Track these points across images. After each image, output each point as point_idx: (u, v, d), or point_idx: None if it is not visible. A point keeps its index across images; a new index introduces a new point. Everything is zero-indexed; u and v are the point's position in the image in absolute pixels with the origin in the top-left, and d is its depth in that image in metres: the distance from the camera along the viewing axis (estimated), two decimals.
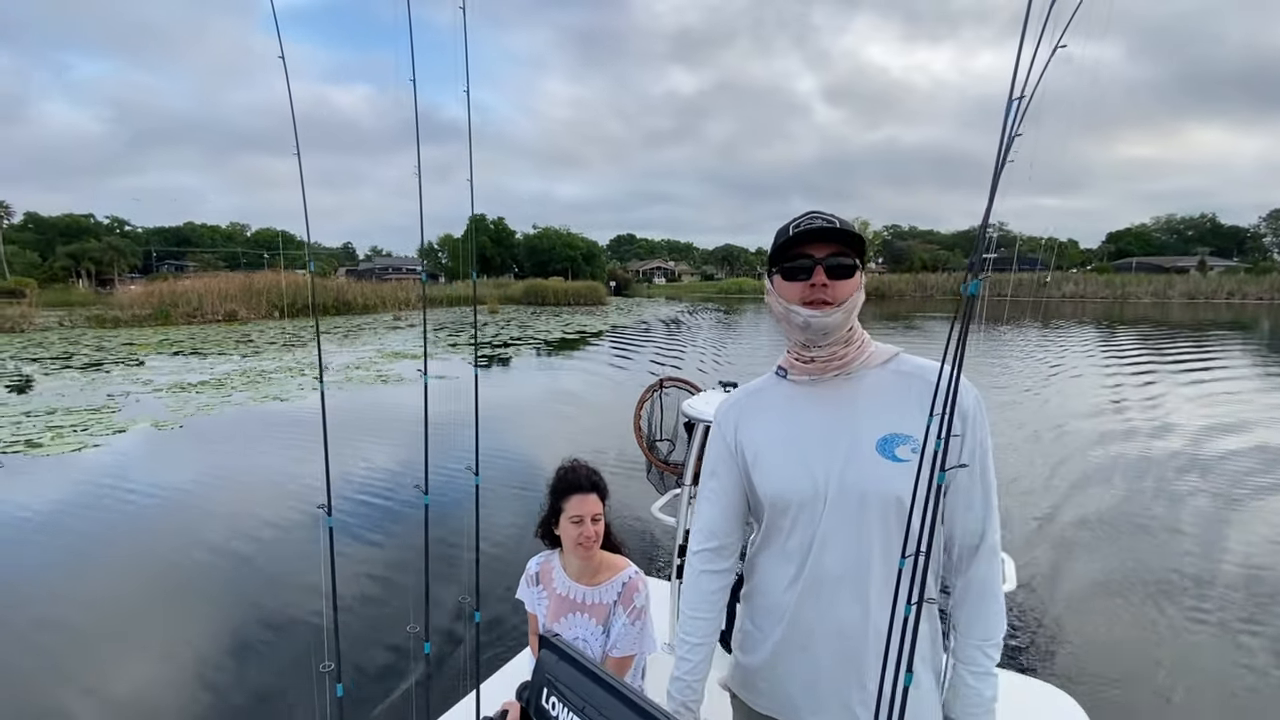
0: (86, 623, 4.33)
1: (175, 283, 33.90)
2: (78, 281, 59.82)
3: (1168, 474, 7.23)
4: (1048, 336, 22.70)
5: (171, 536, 5.67)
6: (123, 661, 3.94)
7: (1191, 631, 4.12)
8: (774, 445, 1.27)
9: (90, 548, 5.43)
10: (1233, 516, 5.98)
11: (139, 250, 73.97)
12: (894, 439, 1.16)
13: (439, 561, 2.05)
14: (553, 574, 2.00)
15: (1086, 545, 5.38)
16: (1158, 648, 3.94)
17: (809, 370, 1.25)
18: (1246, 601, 4.45)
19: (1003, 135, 0.84)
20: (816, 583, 1.22)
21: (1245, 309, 41.20)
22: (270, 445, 8.49)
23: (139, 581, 4.97)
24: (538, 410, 11.09)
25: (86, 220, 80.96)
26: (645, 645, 1.92)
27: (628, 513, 5.34)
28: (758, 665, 1.32)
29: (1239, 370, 14.89)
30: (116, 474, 7.24)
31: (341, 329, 26.01)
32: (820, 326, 1.17)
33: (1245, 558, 5.11)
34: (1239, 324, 29.53)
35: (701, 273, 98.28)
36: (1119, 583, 4.73)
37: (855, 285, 1.19)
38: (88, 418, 9.75)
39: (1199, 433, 8.98)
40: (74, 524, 5.89)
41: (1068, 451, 8.07)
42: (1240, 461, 7.63)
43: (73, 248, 63.39)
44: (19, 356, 17.37)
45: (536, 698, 1.01)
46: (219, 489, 6.87)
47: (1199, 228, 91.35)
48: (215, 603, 4.59)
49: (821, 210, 1.22)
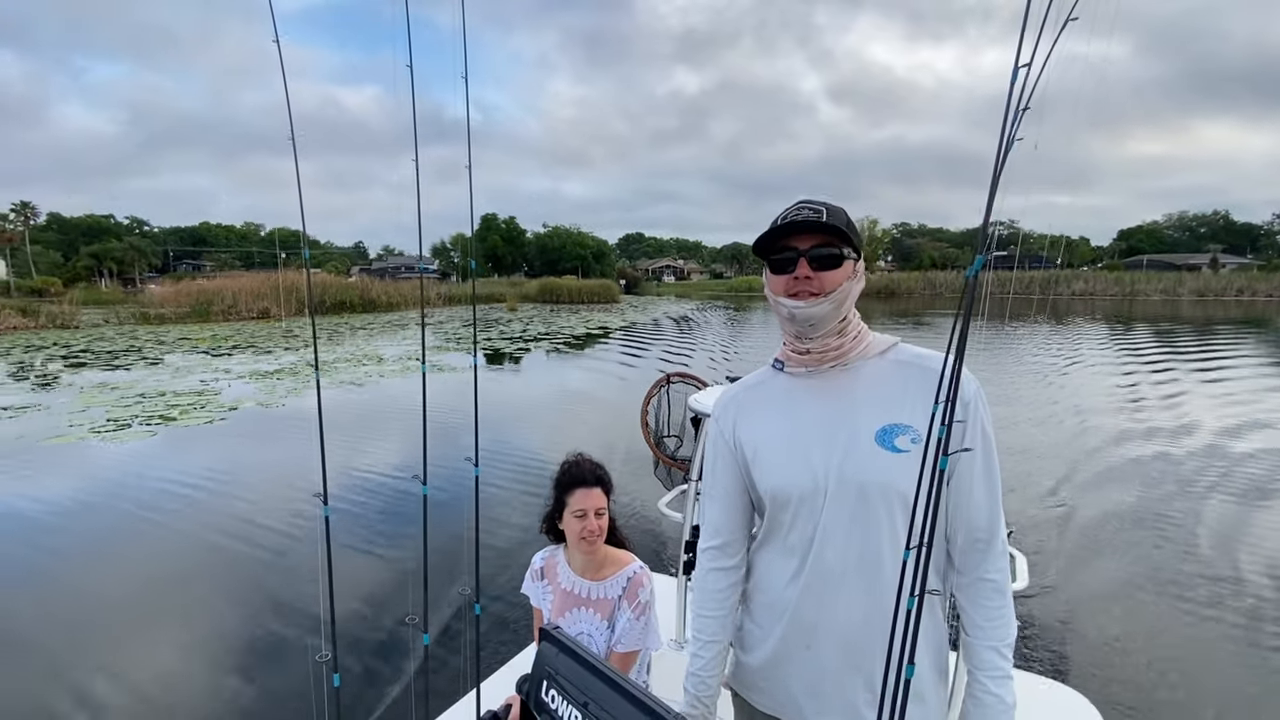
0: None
1: (203, 282, 35.36)
2: (100, 281, 60.59)
3: (1184, 470, 7.18)
4: (1059, 332, 22.94)
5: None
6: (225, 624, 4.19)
7: (1206, 630, 4.08)
8: (773, 440, 1.26)
9: (266, 484, 6.86)
10: (1254, 516, 5.90)
11: (159, 250, 75.80)
12: (893, 429, 1.15)
13: (449, 555, 2.19)
14: (557, 569, 2.00)
15: (1102, 541, 5.34)
16: (1173, 647, 3.89)
17: (805, 362, 1.23)
18: (1263, 601, 4.42)
19: (1008, 108, 0.80)
20: (819, 578, 1.20)
21: (1255, 306, 41.25)
22: (360, 417, 9.75)
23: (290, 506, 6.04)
24: (572, 403, 11.62)
25: (107, 221, 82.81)
26: (650, 641, 1.92)
27: (635, 509, 5.42)
28: (759, 664, 1.30)
29: (1251, 367, 14.89)
30: (264, 437, 9.04)
31: (375, 324, 27.41)
32: (805, 318, 1.16)
33: (1265, 555, 5.06)
34: (1251, 321, 29.40)
35: (710, 271, 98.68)
36: (1134, 579, 4.70)
37: (844, 275, 1.17)
38: (197, 399, 11.12)
39: (1215, 430, 8.93)
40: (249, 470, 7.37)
41: (1076, 450, 8.08)
42: (1262, 459, 7.57)
43: (95, 248, 65.02)
44: (91, 350, 18.58)
45: (536, 690, 1.01)
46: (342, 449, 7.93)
47: (1212, 225, 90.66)
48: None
49: (813, 199, 1.19)
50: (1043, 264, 51.14)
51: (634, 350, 19.18)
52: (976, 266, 0.88)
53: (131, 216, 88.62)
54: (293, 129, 1.47)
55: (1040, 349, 18.05)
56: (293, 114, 1.55)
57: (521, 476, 6.95)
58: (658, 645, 1.97)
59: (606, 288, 50.01)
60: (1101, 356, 16.70)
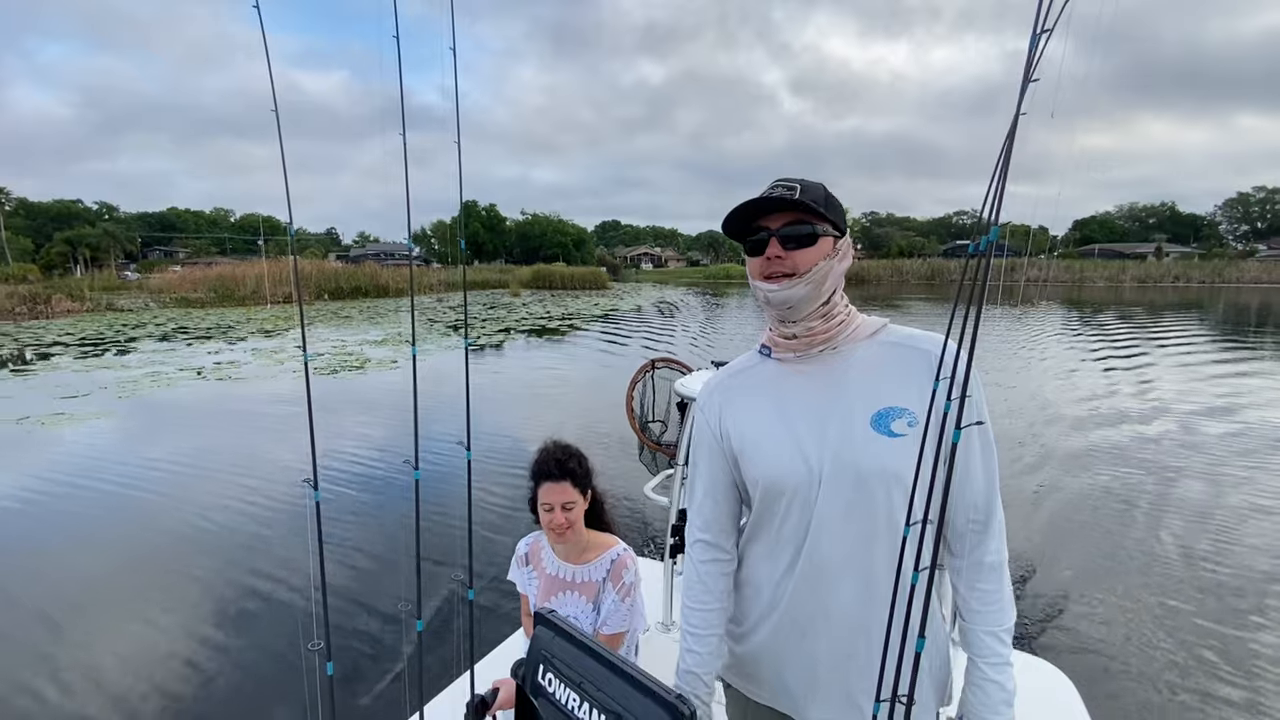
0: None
1: (205, 270, 37.29)
2: (76, 268, 59.53)
3: (1145, 448, 7.62)
4: (1029, 315, 24.70)
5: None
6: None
7: (1177, 603, 4.16)
8: (762, 430, 1.21)
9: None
10: (1224, 492, 6.13)
11: (133, 236, 74.69)
12: (889, 413, 1.11)
13: (440, 539, 2.51)
14: (542, 554, 2.01)
15: (1074, 523, 5.51)
16: (1149, 624, 3.93)
17: (792, 347, 1.20)
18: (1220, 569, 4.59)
19: (1030, 50, 0.74)
20: (813, 569, 1.17)
21: (1190, 291, 45.56)
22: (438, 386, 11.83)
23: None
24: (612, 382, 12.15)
25: (76, 206, 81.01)
26: (636, 622, 1.94)
27: (620, 494, 5.37)
28: (752, 654, 1.28)
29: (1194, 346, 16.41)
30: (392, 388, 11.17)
31: (394, 308, 29.26)
32: (780, 300, 1.13)
33: (1235, 529, 5.27)
34: (1191, 304, 32.63)
35: (687, 259, 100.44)
36: (1109, 556, 4.83)
37: (821, 253, 1.12)
38: (360, 358, 14.15)
39: (1178, 408, 9.58)
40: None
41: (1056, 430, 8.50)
42: (1230, 438, 8.01)
43: (70, 234, 63.85)
44: (193, 327, 21.12)
45: (533, 674, 1.00)
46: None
47: (1159, 215, 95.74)
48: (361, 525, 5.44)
49: (790, 177, 1.15)
50: (1005, 253, 55.48)
51: (656, 330, 21.22)
52: (992, 237, 0.80)
53: (100, 202, 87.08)
54: (276, 105, 1.36)
55: (1010, 330, 19.64)
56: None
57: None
58: (644, 626, 1.99)
59: (596, 274, 51.94)
60: (1062, 341, 18.37)
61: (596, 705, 0.90)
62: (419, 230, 77.24)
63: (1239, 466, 7.04)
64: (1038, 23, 0.74)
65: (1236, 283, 53.20)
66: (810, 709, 1.22)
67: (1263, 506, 5.90)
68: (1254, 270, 56.80)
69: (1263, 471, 6.88)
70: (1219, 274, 55.67)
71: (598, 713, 0.90)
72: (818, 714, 1.22)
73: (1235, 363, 14.11)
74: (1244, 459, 7.30)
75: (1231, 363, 14.11)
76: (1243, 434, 8.30)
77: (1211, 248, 78.01)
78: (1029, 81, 0.75)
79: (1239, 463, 7.17)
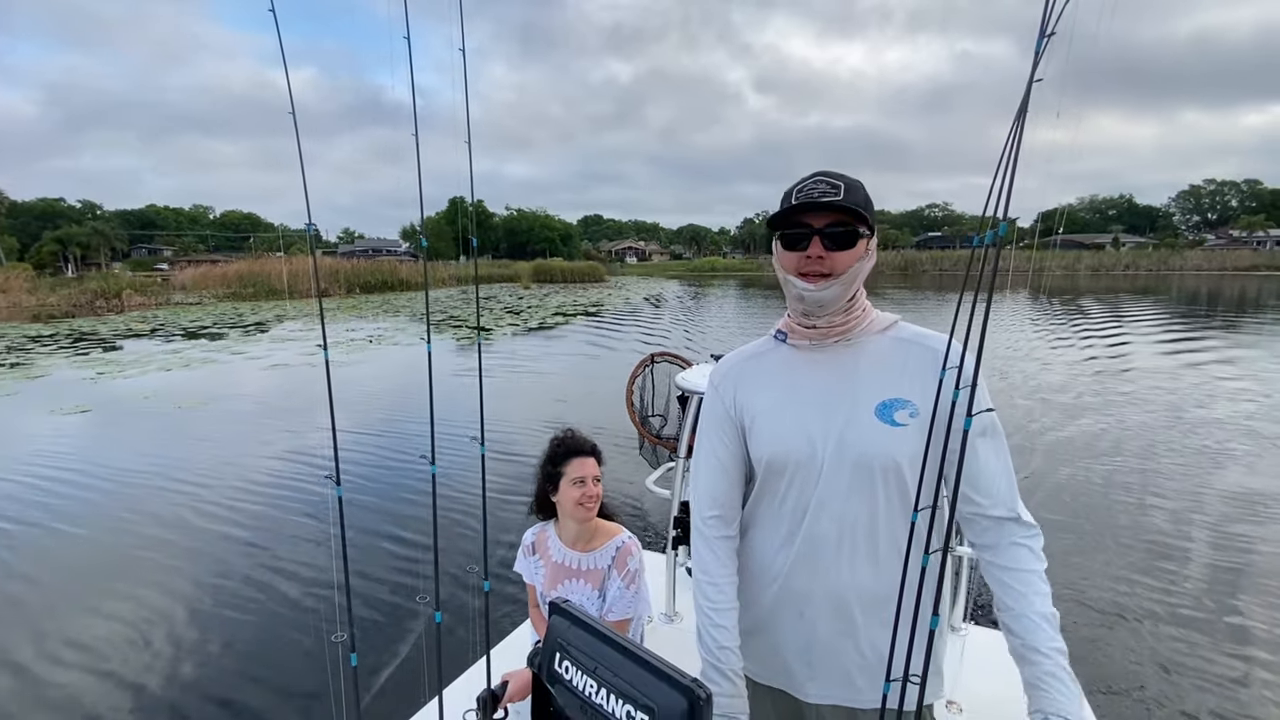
0: None
1: (226, 267, 38.29)
2: (66, 267, 59.10)
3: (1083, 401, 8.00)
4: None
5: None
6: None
7: (1167, 597, 4.15)
8: (772, 408, 1.26)
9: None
10: (1212, 480, 6.08)
11: (122, 235, 74.51)
12: (893, 404, 1.16)
13: (455, 535, 2.50)
14: (548, 543, 2.05)
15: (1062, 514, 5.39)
16: (1140, 617, 3.92)
17: (810, 336, 1.23)
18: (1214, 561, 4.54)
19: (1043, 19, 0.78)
20: (811, 547, 1.20)
21: (1139, 278, 48.66)
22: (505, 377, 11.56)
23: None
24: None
25: (59, 204, 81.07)
26: (641, 608, 1.98)
27: (621, 487, 5.53)
28: (750, 630, 1.29)
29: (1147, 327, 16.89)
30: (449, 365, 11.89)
31: (420, 300, 31.35)
32: (815, 300, 1.16)
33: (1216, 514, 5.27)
34: (1148, 290, 34.41)
35: (670, 252, 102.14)
36: (1092, 546, 4.79)
37: (858, 255, 1.15)
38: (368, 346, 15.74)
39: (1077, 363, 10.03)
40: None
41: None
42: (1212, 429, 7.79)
43: (60, 233, 63.49)
44: (269, 318, 22.35)
45: (549, 663, 1.02)
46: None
47: (1118, 207, 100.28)
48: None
49: (830, 172, 1.16)
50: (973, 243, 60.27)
51: (680, 318, 21.00)
52: (1001, 230, 0.83)
53: (84, 200, 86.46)
54: (292, 102, 1.38)
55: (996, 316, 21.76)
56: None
57: None
58: (648, 612, 2.06)
59: (594, 268, 53.73)
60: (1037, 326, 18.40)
61: (614, 691, 0.90)
62: (408, 226, 79.56)
63: (1238, 447, 7.14)
64: (1044, 26, 0.79)
65: (1180, 270, 58.31)
66: (809, 686, 1.26)
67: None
68: (1196, 259, 63.48)
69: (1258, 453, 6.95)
70: (1164, 262, 61.29)
71: (615, 698, 0.89)
72: (816, 692, 1.26)
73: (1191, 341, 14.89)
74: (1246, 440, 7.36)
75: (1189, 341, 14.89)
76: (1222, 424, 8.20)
77: (1165, 238, 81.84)
78: (1034, 81, 0.79)
79: (1241, 444, 7.24)
